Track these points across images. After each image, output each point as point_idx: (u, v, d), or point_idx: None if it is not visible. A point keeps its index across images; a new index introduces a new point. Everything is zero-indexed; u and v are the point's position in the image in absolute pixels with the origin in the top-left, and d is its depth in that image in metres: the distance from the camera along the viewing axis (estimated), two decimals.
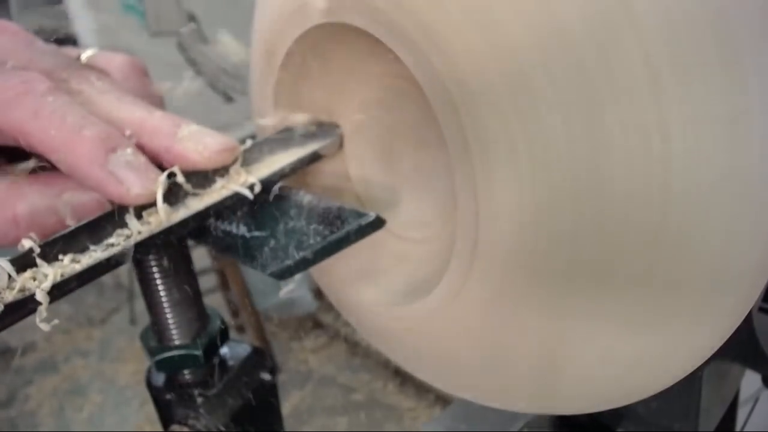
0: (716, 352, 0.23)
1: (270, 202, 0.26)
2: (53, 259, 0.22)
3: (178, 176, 0.24)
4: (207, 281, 1.67)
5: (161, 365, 0.29)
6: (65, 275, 0.21)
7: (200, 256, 1.49)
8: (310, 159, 0.29)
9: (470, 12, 0.20)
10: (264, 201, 0.26)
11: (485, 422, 0.43)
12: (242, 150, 0.27)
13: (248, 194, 0.25)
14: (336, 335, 1.79)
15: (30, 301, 0.20)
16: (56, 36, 0.27)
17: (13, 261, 0.21)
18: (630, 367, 0.23)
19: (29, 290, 0.20)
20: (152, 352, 0.29)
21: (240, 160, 0.26)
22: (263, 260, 0.24)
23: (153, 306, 0.29)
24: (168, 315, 0.29)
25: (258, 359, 0.32)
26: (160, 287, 0.28)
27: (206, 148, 0.25)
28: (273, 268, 0.23)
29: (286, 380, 1.66)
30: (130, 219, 0.23)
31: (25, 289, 0.21)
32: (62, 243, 0.22)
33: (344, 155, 0.32)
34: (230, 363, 0.31)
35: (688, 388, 0.36)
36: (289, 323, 1.84)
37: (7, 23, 0.27)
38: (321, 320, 1.80)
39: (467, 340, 0.25)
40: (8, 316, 0.20)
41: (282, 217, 0.25)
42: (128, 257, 0.22)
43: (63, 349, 1.92)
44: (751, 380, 0.39)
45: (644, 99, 0.19)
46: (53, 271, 0.21)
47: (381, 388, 1.64)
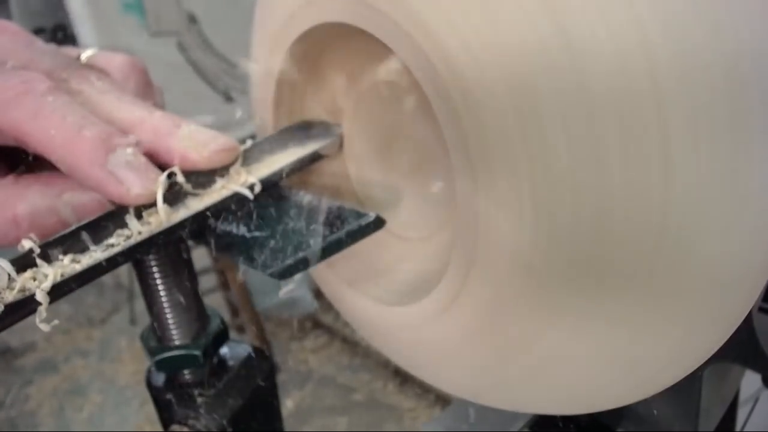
0: (716, 353, 0.23)
1: (270, 202, 0.26)
2: (53, 260, 0.22)
3: (178, 176, 0.24)
4: (207, 281, 1.67)
5: (161, 365, 0.29)
6: (65, 275, 0.21)
7: (200, 256, 1.49)
8: (310, 159, 0.29)
9: (472, 12, 0.20)
10: (264, 201, 0.26)
11: (485, 422, 0.43)
12: (242, 150, 0.27)
13: (248, 194, 0.25)
14: (336, 335, 1.79)
15: (30, 302, 0.20)
16: (56, 36, 0.27)
17: (13, 261, 0.21)
18: (630, 367, 0.23)
19: (29, 290, 0.20)
20: (152, 352, 0.29)
21: (240, 160, 0.26)
22: (263, 260, 0.24)
23: (153, 306, 0.29)
24: (168, 315, 0.29)
25: (258, 359, 0.32)
26: (160, 287, 0.28)
27: (206, 148, 0.25)
28: (273, 268, 0.23)
29: (286, 380, 1.66)
30: (130, 219, 0.23)
31: (25, 290, 0.21)
32: (62, 243, 0.22)
33: (344, 155, 0.32)
34: (230, 363, 0.31)
35: (688, 388, 0.36)
36: (289, 323, 1.84)
37: (7, 23, 0.27)
38: (321, 320, 1.80)
39: (467, 340, 0.25)
40: (8, 316, 0.20)
41: (282, 217, 0.25)
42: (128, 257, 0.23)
43: (63, 349, 1.92)
44: (751, 380, 0.39)
45: (645, 103, 0.19)
46: (53, 272, 0.21)
47: (381, 388, 1.63)
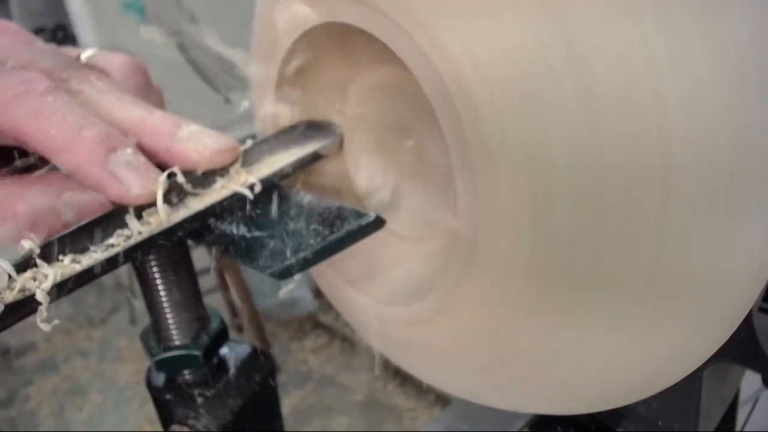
0: (716, 353, 0.23)
1: (270, 202, 0.26)
2: (53, 260, 0.22)
3: (178, 176, 0.24)
4: (207, 281, 1.67)
5: (161, 365, 0.29)
6: (65, 275, 0.21)
7: (200, 256, 1.49)
8: (310, 159, 0.29)
9: (471, 11, 0.20)
10: (264, 201, 0.26)
11: (485, 422, 0.43)
12: (242, 150, 0.27)
13: (248, 194, 0.25)
14: (336, 335, 1.79)
15: (30, 302, 0.20)
16: (56, 36, 0.27)
17: (14, 261, 0.21)
18: (630, 367, 0.23)
19: (29, 290, 0.21)
20: (152, 352, 0.29)
21: (240, 160, 0.26)
22: (263, 260, 0.24)
23: (153, 306, 0.29)
24: (168, 315, 0.29)
25: (258, 359, 0.32)
26: (160, 287, 0.28)
27: (206, 148, 0.25)
28: (273, 269, 0.23)
29: (286, 380, 1.66)
30: (130, 219, 0.23)
31: (26, 290, 0.21)
32: (62, 243, 0.22)
33: (344, 155, 0.32)
34: (230, 363, 0.31)
35: (688, 388, 0.36)
36: (289, 323, 1.84)
37: (7, 23, 0.27)
38: (321, 320, 1.80)
39: (466, 340, 0.25)
40: (8, 317, 0.20)
41: (282, 217, 0.25)
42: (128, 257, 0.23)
43: (63, 349, 1.92)
44: (751, 380, 0.39)
45: (646, 101, 0.19)
46: (53, 272, 0.21)
47: (381, 388, 1.63)
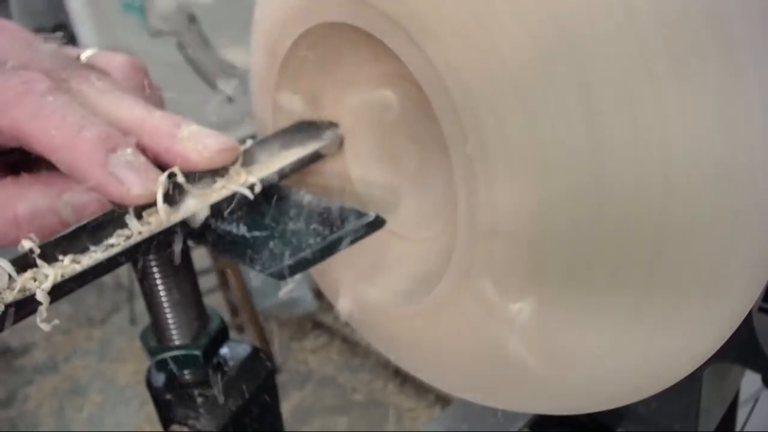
0: (716, 353, 0.23)
1: (270, 202, 0.26)
2: (53, 260, 0.22)
3: (178, 176, 0.24)
4: (207, 281, 1.67)
5: (161, 365, 0.29)
6: (65, 275, 0.21)
7: (200, 256, 1.49)
8: (311, 159, 0.29)
9: (472, 12, 0.20)
10: (264, 201, 0.26)
11: (485, 422, 0.43)
12: (242, 150, 0.27)
13: (248, 194, 0.25)
14: (336, 335, 1.79)
15: (30, 302, 0.20)
16: (56, 35, 0.27)
17: (14, 261, 0.21)
18: (630, 367, 0.23)
19: (30, 290, 0.20)
20: (152, 352, 0.29)
21: (240, 160, 0.26)
22: (263, 260, 0.24)
23: (153, 306, 0.29)
24: (168, 315, 0.29)
25: (258, 359, 0.32)
26: (160, 287, 0.28)
27: (206, 148, 0.25)
28: (273, 269, 0.23)
29: (286, 380, 1.66)
30: (130, 219, 0.23)
31: (26, 290, 0.21)
32: (62, 243, 0.22)
33: (344, 155, 0.32)
34: (230, 363, 0.31)
35: (688, 388, 0.36)
36: (289, 323, 1.84)
37: (7, 23, 0.27)
38: (321, 320, 1.80)
39: (467, 340, 0.25)
40: (8, 317, 0.20)
41: (282, 217, 0.25)
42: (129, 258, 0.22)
43: (63, 349, 1.92)
44: (751, 380, 0.39)
45: (645, 101, 0.19)
46: (53, 272, 0.21)
47: (381, 388, 1.63)
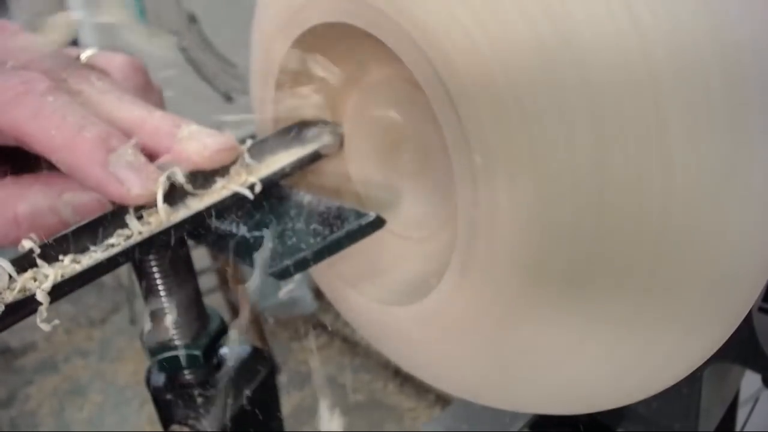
0: (716, 353, 0.23)
1: (270, 202, 0.26)
2: (54, 260, 0.22)
3: (178, 176, 0.24)
4: (207, 281, 1.67)
5: (161, 365, 0.29)
6: (66, 275, 0.21)
7: (200, 256, 1.49)
8: (311, 159, 0.29)
9: (473, 13, 0.20)
10: (264, 201, 0.26)
11: (485, 422, 0.43)
12: (242, 150, 0.27)
13: (248, 194, 0.25)
14: (336, 335, 1.79)
15: (30, 302, 0.20)
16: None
17: (14, 261, 0.21)
18: (630, 367, 0.23)
19: (30, 291, 0.20)
20: (152, 352, 0.29)
21: (240, 160, 0.26)
22: (263, 260, 0.24)
23: (153, 306, 0.29)
24: (168, 315, 0.29)
25: (258, 359, 0.32)
26: (160, 287, 0.28)
27: (206, 148, 0.25)
28: (273, 269, 0.23)
29: (286, 380, 1.66)
30: (130, 219, 0.23)
31: (26, 290, 0.21)
32: (62, 243, 0.22)
33: (344, 155, 0.32)
34: (230, 363, 0.31)
35: (688, 388, 0.36)
36: (289, 323, 1.84)
37: (7, 23, 0.27)
38: (321, 320, 1.80)
39: (467, 340, 0.25)
40: (9, 317, 0.20)
41: (282, 217, 0.25)
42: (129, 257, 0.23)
43: (63, 349, 1.92)
44: (751, 380, 0.39)
45: (646, 102, 0.19)
46: (54, 272, 0.21)
47: (381, 388, 1.63)
